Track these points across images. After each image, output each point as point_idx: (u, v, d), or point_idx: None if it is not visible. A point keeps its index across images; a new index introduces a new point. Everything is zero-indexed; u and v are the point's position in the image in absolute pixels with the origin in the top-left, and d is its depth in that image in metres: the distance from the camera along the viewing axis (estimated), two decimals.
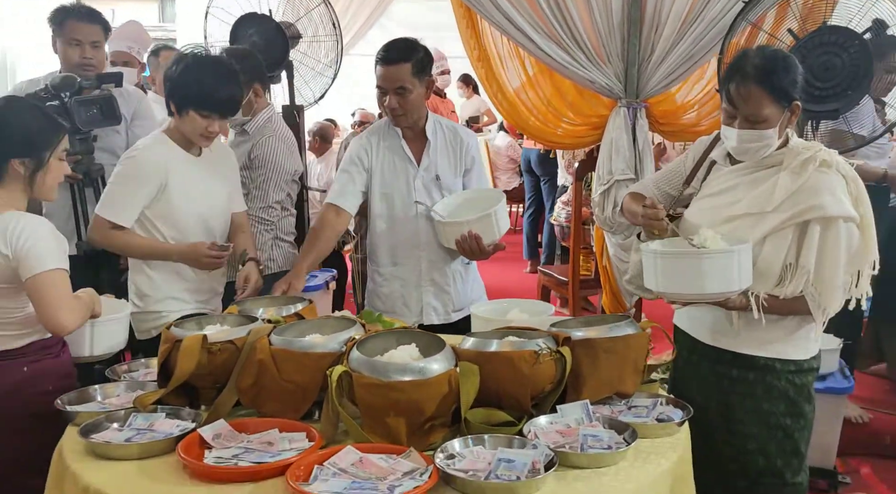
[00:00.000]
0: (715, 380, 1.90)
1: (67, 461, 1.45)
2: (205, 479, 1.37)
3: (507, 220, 2.51)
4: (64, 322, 1.76)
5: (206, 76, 2.14)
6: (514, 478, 1.34)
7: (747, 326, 1.82)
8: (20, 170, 1.83)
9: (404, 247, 2.49)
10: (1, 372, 1.80)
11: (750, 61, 1.79)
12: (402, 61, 2.34)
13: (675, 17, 3.17)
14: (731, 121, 1.82)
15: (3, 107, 1.86)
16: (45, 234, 1.80)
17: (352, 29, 8.07)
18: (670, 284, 1.72)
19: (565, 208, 4.76)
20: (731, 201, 1.85)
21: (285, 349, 1.63)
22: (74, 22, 2.84)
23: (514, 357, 1.56)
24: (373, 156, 2.48)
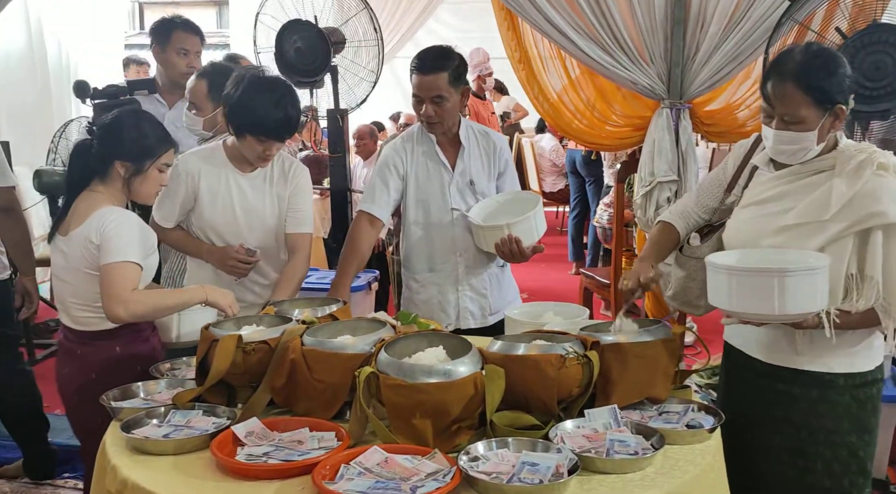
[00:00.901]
0: (774, 399, 1.82)
1: (109, 455, 1.52)
2: (235, 476, 1.42)
3: (545, 223, 2.51)
4: (115, 312, 1.88)
5: (261, 100, 2.16)
6: (537, 482, 1.35)
7: (808, 342, 1.75)
8: (121, 172, 1.99)
9: (441, 252, 2.50)
10: (96, 351, 2.00)
11: (791, 58, 1.71)
12: (439, 70, 2.35)
13: (721, 16, 3.11)
14: (769, 121, 1.75)
15: (122, 114, 2.05)
16: (130, 228, 1.95)
17: (399, 31, 8.15)
18: (746, 304, 1.60)
19: (607, 210, 4.72)
20: (781, 210, 1.75)
21: (316, 349, 1.67)
22: (181, 33, 3.05)
23: (541, 360, 1.56)
24: (408, 162, 2.50)
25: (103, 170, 2.01)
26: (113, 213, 1.95)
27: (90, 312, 2.00)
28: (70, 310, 2.03)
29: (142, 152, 2.00)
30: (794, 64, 1.70)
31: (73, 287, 2.00)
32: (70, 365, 2.04)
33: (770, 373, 1.82)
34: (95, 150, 2.01)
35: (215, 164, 2.34)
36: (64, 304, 2.04)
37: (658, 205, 3.30)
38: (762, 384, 1.84)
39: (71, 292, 2.01)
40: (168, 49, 3.07)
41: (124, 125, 2.01)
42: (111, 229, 1.91)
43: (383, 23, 7.93)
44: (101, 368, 1.97)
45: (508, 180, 2.59)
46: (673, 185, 3.29)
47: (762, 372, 1.84)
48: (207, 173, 2.32)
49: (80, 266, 1.97)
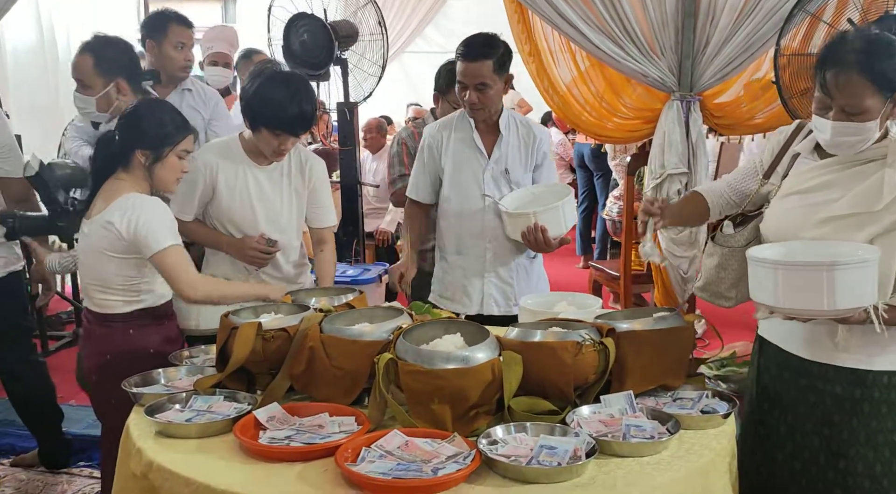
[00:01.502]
0: (814, 398, 1.74)
1: (133, 438, 1.55)
2: (258, 458, 1.44)
3: (575, 215, 2.54)
4: (189, 294, 1.99)
5: (276, 95, 2.19)
6: (556, 464, 1.37)
7: (852, 339, 1.67)
8: (142, 160, 2.04)
9: (470, 237, 2.55)
10: (111, 333, 2.06)
11: (850, 46, 1.61)
12: (484, 58, 2.40)
13: (732, 8, 3.12)
14: (825, 112, 1.64)
15: (140, 105, 2.12)
16: (160, 213, 2.02)
17: (409, 27, 8.16)
18: (795, 299, 1.52)
19: (617, 203, 4.73)
20: (826, 200, 1.67)
21: (335, 336, 1.69)
22: (177, 26, 3.02)
23: (557, 347, 1.58)
24: (443, 147, 2.57)
25: (125, 160, 2.06)
26: (136, 200, 2.00)
27: (107, 294, 2.05)
28: (91, 293, 2.09)
29: (160, 140, 2.04)
30: (856, 51, 1.60)
31: (95, 269, 2.05)
32: (89, 345, 2.12)
33: (810, 371, 1.74)
34: (117, 140, 2.05)
35: (232, 157, 2.36)
36: (86, 287, 2.10)
37: (668, 197, 3.31)
38: (801, 382, 1.76)
39: (92, 274, 2.07)
40: (165, 43, 3.01)
41: (143, 114, 2.06)
42: (143, 220, 1.96)
43: (393, 18, 7.98)
44: (115, 350, 2.03)
45: (545, 173, 2.62)
46: (683, 178, 3.30)
47: (801, 370, 1.76)
48: (225, 166, 2.34)
49: (100, 248, 2.02)
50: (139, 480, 1.48)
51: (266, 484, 1.34)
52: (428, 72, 3.11)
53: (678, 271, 3.44)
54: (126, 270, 2.03)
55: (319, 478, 1.36)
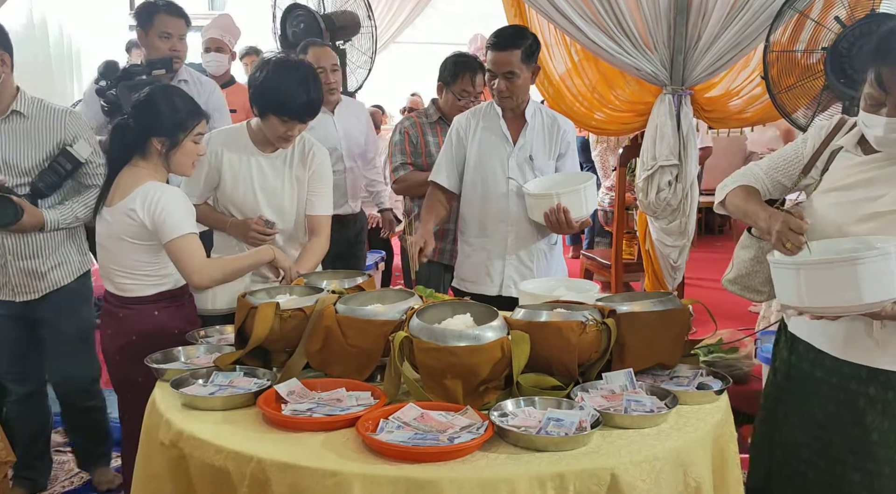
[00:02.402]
0: (846, 399, 1.70)
1: (161, 410, 1.62)
2: (283, 428, 1.52)
3: (595, 200, 2.64)
4: (196, 281, 2.09)
5: (285, 82, 2.25)
6: (563, 434, 1.46)
7: (889, 337, 1.62)
8: (158, 147, 2.10)
9: (493, 220, 2.66)
10: (138, 315, 2.13)
11: (890, 39, 1.54)
12: (512, 48, 2.52)
13: (723, 5, 3.22)
14: (877, 109, 1.57)
15: (152, 93, 2.16)
16: (179, 203, 2.09)
17: (399, 17, 8.19)
18: (819, 298, 1.51)
19: (609, 193, 4.84)
20: (869, 196, 1.62)
21: (350, 316, 1.78)
22: (165, 16, 3.01)
23: (563, 326, 1.67)
24: (471, 132, 2.68)
25: (142, 147, 2.12)
26: (157, 190, 2.07)
27: (130, 279, 2.13)
28: (112, 277, 2.15)
29: (175, 126, 2.11)
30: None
31: (116, 255, 2.13)
32: (112, 326, 2.18)
33: (843, 371, 1.70)
34: (132, 128, 2.11)
35: (238, 144, 2.44)
36: (107, 271, 2.17)
37: (659, 188, 3.42)
38: (833, 381, 1.72)
39: (113, 260, 2.14)
40: (151, 33, 3.03)
41: (157, 102, 2.12)
42: (161, 207, 2.04)
43: (384, 9, 8.00)
44: (140, 331, 2.11)
45: (569, 162, 2.73)
46: (674, 169, 3.41)
47: (833, 369, 1.72)
48: (230, 152, 2.42)
49: (122, 235, 2.09)
50: (168, 449, 1.55)
51: (293, 451, 1.42)
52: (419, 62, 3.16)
53: (668, 260, 3.55)
54: (148, 256, 2.11)
55: (343, 446, 1.44)
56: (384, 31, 8.19)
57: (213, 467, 1.45)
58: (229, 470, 1.42)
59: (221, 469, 1.43)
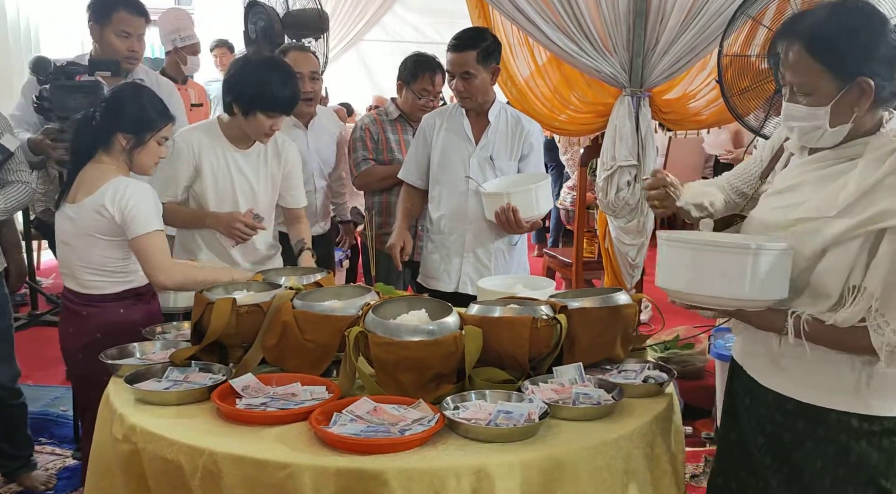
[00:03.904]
0: (774, 431, 1.53)
1: (114, 405, 1.62)
2: (236, 422, 1.54)
3: (550, 201, 2.68)
4: (162, 279, 2.08)
5: (269, 78, 2.30)
6: (512, 426, 1.50)
7: (811, 368, 1.44)
8: (123, 143, 2.10)
9: (452, 218, 2.72)
10: (101, 312, 2.13)
11: (810, 15, 1.42)
12: (469, 49, 2.58)
13: (680, 9, 3.30)
14: (785, 92, 1.48)
15: (122, 89, 2.18)
16: (147, 199, 2.09)
17: (365, 16, 8.19)
18: (668, 278, 1.46)
19: (570, 193, 4.91)
20: (796, 201, 1.48)
21: (307, 312, 1.80)
22: (125, 14, 2.86)
23: (515, 321, 1.71)
24: (435, 132, 2.74)
25: (106, 142, 2.11)
26: (127, 185, 2.07)
27: (97, 276, 2.13)
28: (77, 274, 2.14)
29: (142, 125, 2.11)
30: (810, 23, 1.40)
31: (81, 251, 2.11)
32: (74, 325, 2.17)
33: (771, 401, 1.54)
34: (97, 123, 2.11)
35: (215, 141, 2.45)
36: (70, 268, 2.15)
37: (619, 188, 3.49)
38: (760, 412, 1.56)
39: (79, 257, 2.12)
40: (107, 30, 2.86)
41: (126, 99, 2.12)
42: (132, 203, 2.04)
43: (349, 6, 8.00)
44: (105, 328, 2.10)
45: (532, 164, 2.77)
46: (633, 170, 3.48)
47: (763, 399, 1.55)
48: (208, 149, 2.44)
49: (90, 231, 2.08)
50: (120, 443, 1.56)
51: (245, 445, 1.43)
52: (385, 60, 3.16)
53: (626, 258, 3.62)
54: (116, 252, 2.11)
55: (295, 439, 1.47)
56: (350, 29, 8.19)
57: (166, 460, 1.46)
58: (181, 463, 1.44)
59: (173, 463, 1.45)
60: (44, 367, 3.85)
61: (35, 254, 5.18)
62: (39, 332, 4.36)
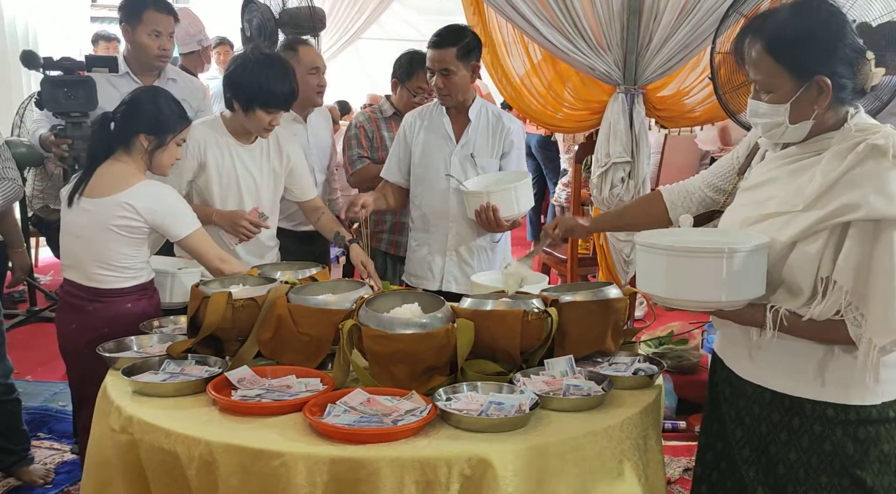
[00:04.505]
0: (751, 423, 1.55)
1: (112, 397, 1.65)
2: (232, 413, 1.57)
3: (530, 199, 2.68)
4: (223, 268, 2.17)
5: (268, 75, 2.34)
6: (503, 416, 1.53)
7: (785, 357, 1.47)
8: (145, 144, 2.15)
9: (435, 216, 2.72)
10: (108, 307, 2.16)
11: (773, 16, 1.45)
12: (449, 45, 2.57)
13: (673, 7, 3.31)
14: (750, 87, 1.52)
15: (145, 92, 2.25)
16: (179, 199, 2.19)
17: (364, 12, 8.20)
18: (647, 283, 1.48)
19: (565, 189, 4.94)
20: (767, 196, 1.51)
21: (302, 305, 1.82)
22: (154, 13, 2.90)
23: (507, 315, 1.74)
24: (416, 130, 2.73)
25: (127, 142, 2.16)
26: (158, 189, 2.15)
27: (107, 270, 2.15)
28: (85, 267, 2.16)
29: (164, 127, 2.17)
30: (771, 22, 1.44)
31: (95, 244, 2.13)
32: (79, 320, 2.18)
33: (749, 392, 1.55)
34: (118, 123, 2.16)
35: (219, 136, 2.49)
36: (78, 261, 2.17)
37: (613, 184, 3.51)
38: (739, 404, 1.58)
39: (91, 250, 2.14)
40: (139, 30, 2.92)
41: (147, 101, 2.18)
42: (166, 208, 2.14)
43: (347, 5, 8.01)
44: (112, 323, 2.12)
45: (513, 161, 2.77)
46: (627, 166, 3.50)
47: (742, 390, 1.57)
48: (212, 144, 2.47)
49: (109, 225, 2.11)
50: (117, 434, 1.59)
51: (240, 435, 1.46)
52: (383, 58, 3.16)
53: (620, 254, 3.65)
54: (130, 248, 2.15)
55: (290, 430, 1.50)
56: (348, 27, 8.21)
57: (163, 450, 1.49)
58: (178, 453, 1.47)
59: (170, 452, 1.48)
60: (43, 363, 3.87)
61: (33, 251, 5.21)
62: (38, 328, 4.38)
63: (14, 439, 2.77)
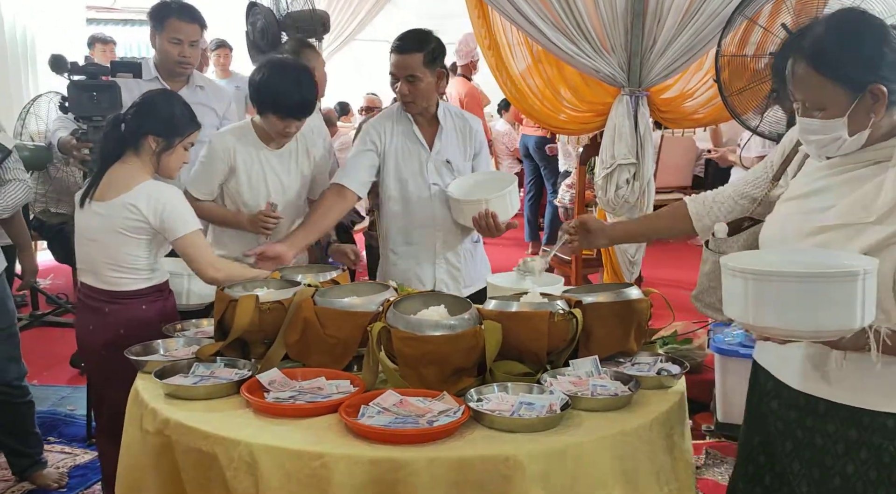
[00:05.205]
0: (804, 436, 1.50)
1: (145, 400, 1.66)
2: (267, 414, 1.58)
3: (518, 201, 2.70)
4: (212, 273, 2.16)
5: (282, 83, 2.37)
6: (535, 417, 1.55)
7: (847, 369, 1.41)
8: (152, 146, 2.17)
9: (420, 226, 2.65)
10: (124, 309, 2.18)
11: (810, 32, 1.43)
12: (414, 51, 2.49)
13: (677, 10, 3.35)
14: (797, 107, 1.47)
15: (156, 94, 2.25)
16: (182, 200, 2.18)
17: (358, 14, 8.22)
18: (767, 315, 1.28)
19: (569, 191, 4.97)
20: (821, 207, 1.45)
21: (329, 308, 1.84)
22: (176, 20, 2.93)
23: (534, 316, 1.76)
24: (386, 140, 2.62)
25: (136, 143, 2.18)
26: (162, 189, 2.15)
27: (121, 273, 2.17)
28: (100, 271, 2.18)
29: (172, 129, 2.19)
30: (811, 39, 1.41)
31: (108, 248, 2.16)
32: (95, 322, 2.21)
33: (801, 404, 1.50)
34: (128, 124, 2.18)
35: (248, 141, 2.53)
36: (93, 265, 2.19)
37: (618, 185, 3.55)
38: (790, 416, 1.53)
39: (105, 254, 2.17)
40: (162, 36, 2.96)
41: (158, 103, 2.20)
42: (169, 207, 2.13)
43: (342, 6, 8.03)
44: (128, 324, 2.15)
45: (483, 161, 2.77)
46: (632, 168, 3.54)
47: (793, 402, 1.52)
48: (242, 150, 2.51)
49: (119, 228, 2.13)
50: (153, 437, 1.60)
51: (279, 436, 1.48)
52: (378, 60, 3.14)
53: (626, 255, 3.69)
54: (142, 250, 2.17)
55: (326, 431, 1.51)
56: (343, 29, 8.22)
57: (201, 452, 1.50)
58: (217, 454, 1.48)
59: (209, 454, 1.49)
60: (48, 367, 3.87)
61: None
62: (42, 332, 4.37)
63: (28, 442, 2.78)
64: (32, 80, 5.81)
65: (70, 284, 5.20)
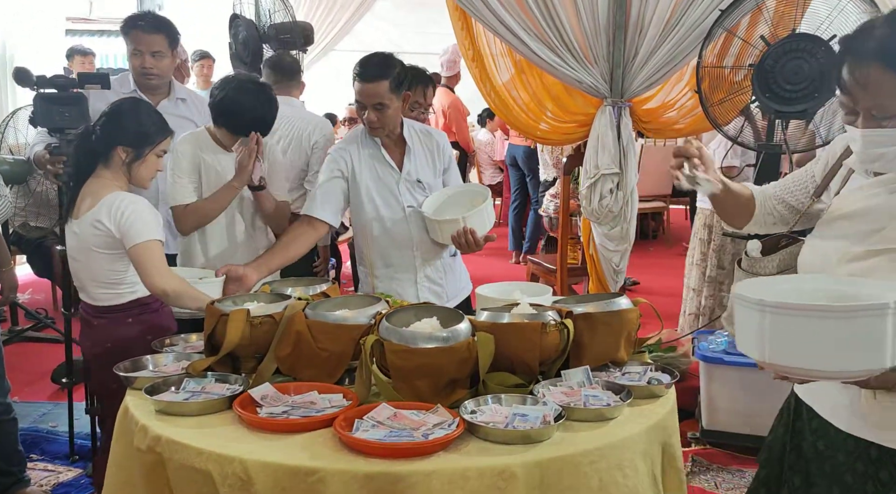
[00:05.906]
0: (854, 482, 1.39)
1: (136, 417, 1.64)
2: (260, 430, 1.57)
3: (494, 214, 2.71)
4: (159, 285, 2.09)
5: (238, 101, 2.45)
6: (529, 428, 1.56)
7: (877, 407, 1.31)
8: (123, 157, 2.15)
9: (398, 248, 2.62)
10: (110, 323, 2.18)
11: (871, 34, 1.28)
12: (380, 79, 2.41)
13: (658, 22, 3.40)
14: (853, 119, 1.32)
15: (122, 103, 2.22)
16: (143, 210, 2.12)
17: (336, 25, 8.22)
18: (785, 354, 1.16)
19: (553, 200, 5.00)
20: (868, 229, 1.32)
21: (321, 321, 1.83)
22: (137, 31, 2.92)
23: (526, 327, 1.77)
24: (354, 165, 2.58)
25: (106, 156, 2.16)
26: (122, 198, 2.12)
27: (103, 288, 2.18)
28: (87, 287, 2.19)
29: (141, 139, 2.16)
30: (877, 40, 1.27)
31: (89, 267, 2.16)
32: (89, 336, 2.23)
33: (850, 448, 1.39)
34: (97, 137, 2.15)
35: (207, 146, 2.59)
36: (81, 281, 2.21)
37: (602, 195, 3.58)
38: (839, 459, 1.41)
39: (85, 271, 2.18)
40: (128, 49, 2.95)
41: (125, 113, 2.17)
42: (127, 214, 2.08)
43: (321, 16, 8.02)
44: (115, 338, 2.15)
45: (452, 175, 2.76)
46: (615, 178, 3.57)
47: (840, 445, 1.41)
48: (203, 154, 2.58)
49: (91, 246, 2.13)
50: (144, 454, 1.58)
51: (273, 452, 1.47)
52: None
53: (611, 264, 3.71)
54: (117, 265, 2.15)
55: (321, 446, 1.50)
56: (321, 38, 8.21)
57: (194, 469, 1.49)
58: (210, 472, 1.46)
59: (202, 471, 1.47)
60: (29, 383, 3.81)
61: None
62: (22, 348, 4.30)
63: (11, 460, 2.73)
64: (11, 93, 5.73)
65: (49, 299, 5.13)
